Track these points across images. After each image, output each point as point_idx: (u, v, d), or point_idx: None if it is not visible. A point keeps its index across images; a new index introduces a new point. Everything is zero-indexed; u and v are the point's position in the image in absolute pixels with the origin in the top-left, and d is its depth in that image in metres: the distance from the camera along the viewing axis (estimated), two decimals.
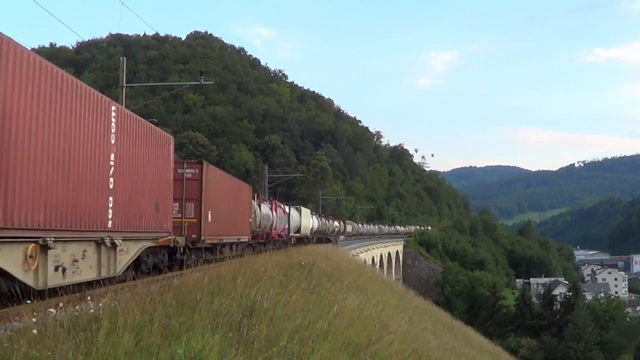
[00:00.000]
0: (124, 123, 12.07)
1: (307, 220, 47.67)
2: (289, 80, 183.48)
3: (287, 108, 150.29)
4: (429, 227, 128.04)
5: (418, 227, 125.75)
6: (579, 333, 72.50)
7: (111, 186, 11.35)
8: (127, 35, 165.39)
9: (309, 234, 48.96)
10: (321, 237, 55.48)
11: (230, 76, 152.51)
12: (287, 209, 40.04)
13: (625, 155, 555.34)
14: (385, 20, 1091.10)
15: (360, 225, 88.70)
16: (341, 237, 65.66)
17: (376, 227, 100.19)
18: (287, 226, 39.27)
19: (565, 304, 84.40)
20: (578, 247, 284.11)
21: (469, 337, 37.77)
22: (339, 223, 67.40)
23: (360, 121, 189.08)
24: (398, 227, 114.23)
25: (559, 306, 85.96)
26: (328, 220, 60.65)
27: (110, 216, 11.31)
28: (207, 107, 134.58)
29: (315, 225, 52.34)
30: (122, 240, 11.84)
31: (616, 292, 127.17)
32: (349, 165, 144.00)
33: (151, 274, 14.30)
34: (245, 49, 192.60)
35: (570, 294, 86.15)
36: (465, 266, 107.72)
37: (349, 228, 74.71)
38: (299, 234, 44.42)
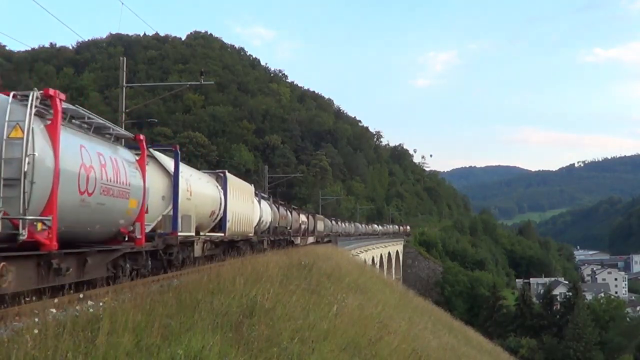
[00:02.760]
0: None
1: (245, 205, 25.11)
2: (289, 80, 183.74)
3: (287, 108, 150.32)
4: (409, 227, 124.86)
5: (398, 227, 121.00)
6: (579, 333, 72.53)
7: None
8: (127, 35, 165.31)
9: (252, 235, 26.21)
10: (279, 239, 33.98)
11: (230, 76, 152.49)
12: (170, 165, 16.15)
13: (625, 155, 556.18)
14: (383, 19, 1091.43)
15: (333, 222, 71.64)
16: (310, 239, 47.12)
17: (352, 225, 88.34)
18: (170, 211, 15.57)
19: (565, 304, 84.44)
20: (578, 247, 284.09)
21: (469, 337, 37.78)
22: (307, 218, 48.28)
23: (360, 121, 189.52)
24: (375, 226, 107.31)
25: (559, 306, 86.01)
26: (289, 212, 39.83)
27: None
28: (207, 107, 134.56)
29: (269, 218, 31.40)
30: None
31: (616, 292, 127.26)
32: (349, 165, 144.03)
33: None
34: (245, 49, 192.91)
35: (570, 294, 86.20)
36: (465, 266, 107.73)
37: (319, 225, 55.04)
38: (221, 234, 20.92)
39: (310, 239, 47.40)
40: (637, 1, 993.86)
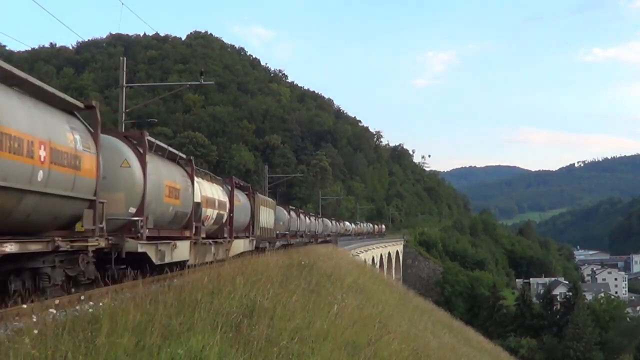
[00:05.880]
0: None
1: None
2: (289, 80, 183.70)
3: (287, 108, 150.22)
4: (384, 227, 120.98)
5: (374, 225, 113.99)
6: (579, 333, 72.52)
7: None
8: (127, 35, 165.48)
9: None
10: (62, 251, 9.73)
11: (230, 76, 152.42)
12: None
13: (625, 155, 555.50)
14: (383, 20, 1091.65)
15: (292, 215, 43.98)
16: (240, 244, 23.61)
17: (321, 221, 66.44)
18: None
19: (565, 304, 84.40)
20: (578, 247, 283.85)
21: (469, 337, 37.78)
22: (252, 203, 26.29)
23: (360, 121, 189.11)
24: (348, 223, 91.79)
25: (559, 306, 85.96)
26: (190, 177, 16.40)
27: None
28: (207, 107, 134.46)
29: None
30: None
31: (616, 292, 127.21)
32: (349, 165, 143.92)
33: None
34: (245, 49, 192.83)
35: (570, 294, 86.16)
36: (465, 266, 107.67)
37: (265, 217, 30.74)
38: None
39: (241, 245, 23.44)
40: (636, 1, 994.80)
